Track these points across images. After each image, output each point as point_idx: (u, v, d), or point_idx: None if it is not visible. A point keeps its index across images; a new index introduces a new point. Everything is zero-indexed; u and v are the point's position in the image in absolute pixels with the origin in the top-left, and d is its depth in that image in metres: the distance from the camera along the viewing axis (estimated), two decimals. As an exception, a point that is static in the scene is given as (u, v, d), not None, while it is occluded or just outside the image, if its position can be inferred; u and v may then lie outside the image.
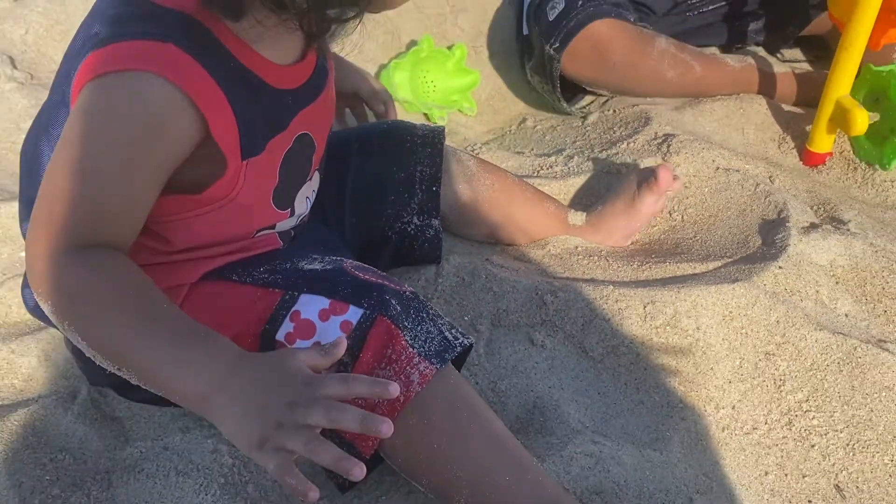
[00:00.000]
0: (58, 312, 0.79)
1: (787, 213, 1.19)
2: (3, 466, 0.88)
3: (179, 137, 0.80)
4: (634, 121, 1.46)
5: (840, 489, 0.92)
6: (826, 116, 1.33)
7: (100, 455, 0.92)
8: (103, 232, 0.80)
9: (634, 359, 1.02)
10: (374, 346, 0.84)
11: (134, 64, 0.76)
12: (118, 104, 0.79)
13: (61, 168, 0.80)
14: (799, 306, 1.05)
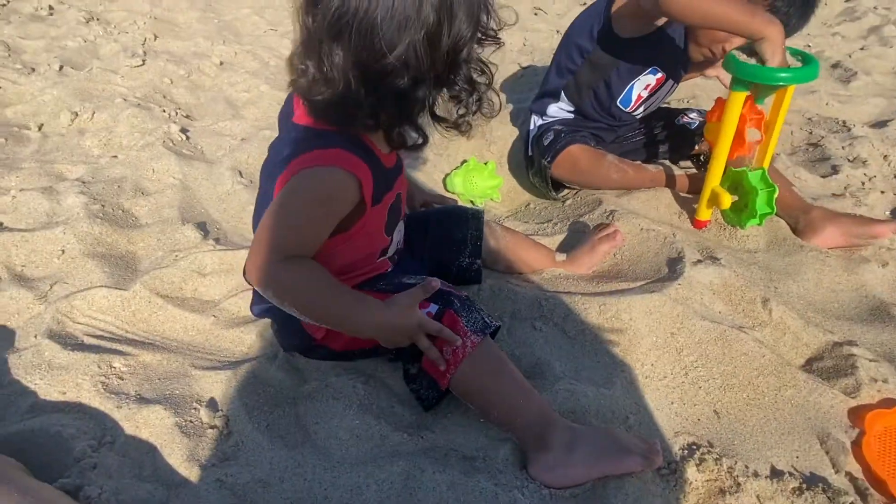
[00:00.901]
0: (280, 295, 0.84)
1: (683, 254, 1.23)
2: (237, 394, 0.92)
3: (349, 201, 0.84)
4: (593, 203, 1.50)
5: (717, 413, 0.96)
6: (706, 198, 1.38)
7: (289, 389, 0.97)
8: (300, 251, 0.84)
9: (594, 336, 1.06)
10: (446, 323, 0.88)
11: (322, 162, 0.80)
12: (315, 184, 0.81)
13: (277, 214, 0.83)
14: (691, 307, 1.10)
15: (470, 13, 0.73)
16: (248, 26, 2.86)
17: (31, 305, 1.11)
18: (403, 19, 0.70)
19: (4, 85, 1.98)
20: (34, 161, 1.60)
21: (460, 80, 0.79)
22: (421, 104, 0.78)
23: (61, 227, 1.28)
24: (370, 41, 0.70)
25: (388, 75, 0.73)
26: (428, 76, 0.75)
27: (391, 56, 0.70)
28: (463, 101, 0.81)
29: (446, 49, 0.74)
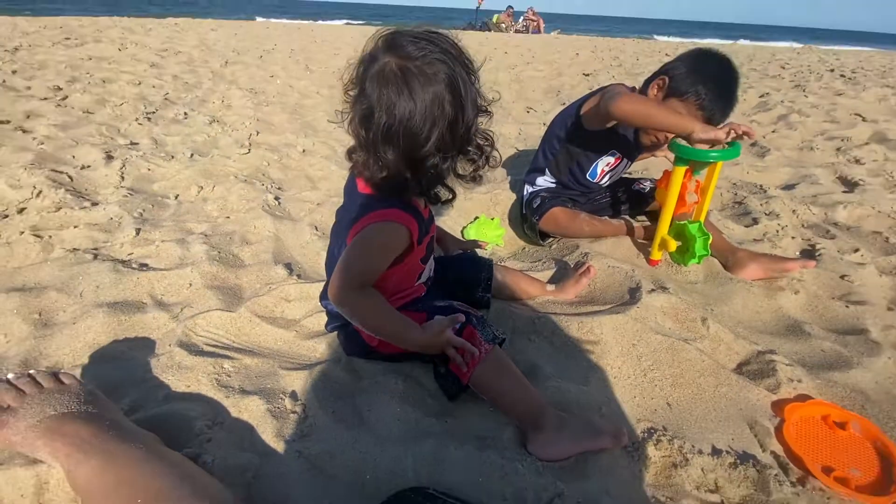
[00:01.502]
0: (352, 315, 0.87)
1: (640, 284, 1.22)
2: (312, 389, 0.92)
3: (403, 245, 0.87)
4: (572, 247, 1.50)
5: (669, 405, 0.94)
6: (657, 243, 1.38)
7: (349, 385, 0.95)
8: (367, 282, 0.86)
9: (574, 346, 1.05)
10: (465, 336, 0.89)
11: (384, 218, 0.83)
12: (380, 234, 0.84)
13: (352, 255, 0.85)
14: (647, 324, 1.08)
15: (472, 102, 0.77)
16: (322, 124, 2.95)
17: (167, 323, 1.11)
18: (433, 119, 0.73)
19: (153, 168, 2.04)
20: (172, 220, 1.63)
21: (473, 147, 0.81)
22: (448, 171, 0.81)
23: (189, 267, 1.29)
24: (412, 139, 0.74)
25: (426, 158, 0.77)
26: (452, 151, 0.79)
27: (427, 146, 0.74)
28: (476, 161, 0.83)
29: (462, 130, 0.77)
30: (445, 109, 0.74)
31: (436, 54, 0.73)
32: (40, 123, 2.45)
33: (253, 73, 4.42)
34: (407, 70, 0.72)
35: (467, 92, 0.75)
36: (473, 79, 0.77)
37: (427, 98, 0.72)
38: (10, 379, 0.72)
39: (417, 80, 0.72)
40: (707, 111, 1.31)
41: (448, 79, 0.73)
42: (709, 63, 1.35)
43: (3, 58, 4.18)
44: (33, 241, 1.39)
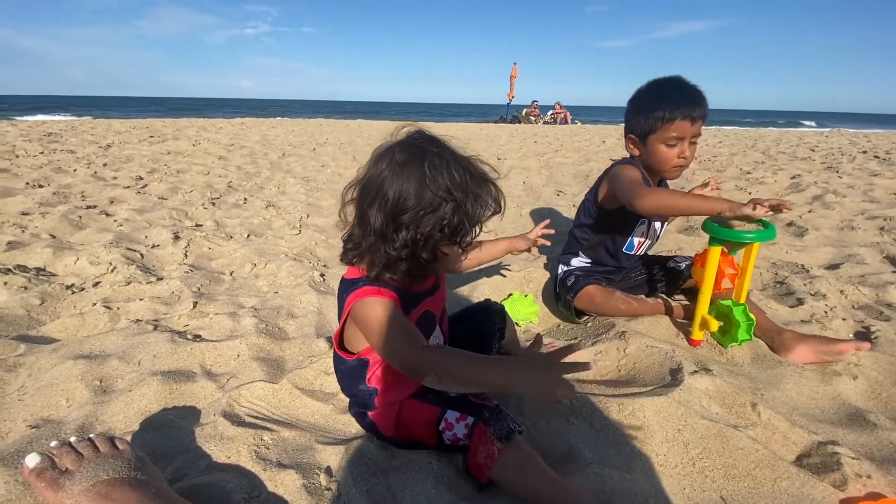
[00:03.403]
0: (435, 372, 0.77)
1: (682, 365, 1.17)
2: (347, 465, 0.90)
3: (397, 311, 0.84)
4: (607, 325, 1.47)
5: (724, 499, 0.86)
6: (698, 323, 1.34)
7: (383, 462, 0.92)
8: (412, 333, 0.82)
9: (615, 430, 0.99)
10: (477, 434, 0.84)
11: (369, 294, 0.83)
12: (375, 306, 0.83)
13: (376, 331, 0.82)
14: (692, 408, 1.02)
15: (470, 212, 0.81)
16: (365, 207, 3.16)
17: (214, 393, 1.13)
18: (437, 220, 0.78)
19: (213, 247, 2.20)
20: (226, 295, 1.72)
21: (463, 237, 0.83)
22: (382, 254, 0.82)
23: (239, 339, 1.34)
24: (417, 236, 0.79)
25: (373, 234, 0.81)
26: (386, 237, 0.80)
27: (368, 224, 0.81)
28: (462, 245, 0.85)
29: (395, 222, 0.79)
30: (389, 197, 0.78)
31: (416, 157, 0.78)
32: (121, 208, 2.74)
33: (306, 164, 4.84)
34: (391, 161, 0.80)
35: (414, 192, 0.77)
36: (438, 183, 0.78)
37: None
38: (72, 442, 0.76)
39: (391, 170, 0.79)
40: (680, 112, 1.30)
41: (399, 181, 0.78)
42: (641, 94, 1.40)
43: (97, 153, 4.78)
44: (103, 311, 1.50)
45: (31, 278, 1.69)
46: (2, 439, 0.97)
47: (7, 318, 1.43)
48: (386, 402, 0.94)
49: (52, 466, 0.71)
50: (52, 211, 2.55)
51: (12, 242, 2.04)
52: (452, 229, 0.80)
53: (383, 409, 0.95)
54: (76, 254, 1.94)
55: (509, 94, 15.69)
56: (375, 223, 0.79)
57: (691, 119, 1.31)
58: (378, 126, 11.35)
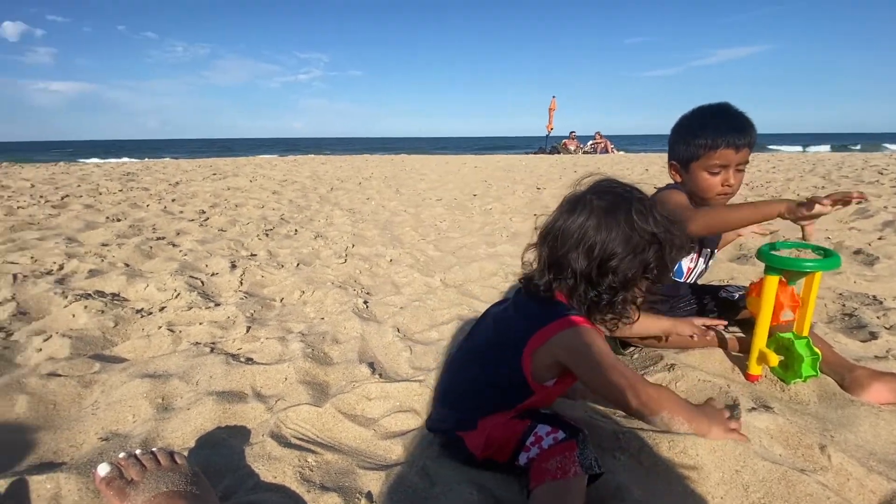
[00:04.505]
0: (665, 410, 0.86)
1: (738, 401, 1.09)
2: (387, 491, 0.89)
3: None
4: (655, 358, 1.40)
5: None
6: (755, 357, 1.25)
7: (423, 491, 0.90)
8: (628, 371, 0.85)
9: (666, 468, 0.93)
10: (561, 449, 0.81)
11: (583, 322, 0.84)
12: (593, 334, 0.83)
13: (599, 362, 0.82)
14: (751, 447, 0.93)
15: (671, 253, 0.86)
16: (407, 238, 3.23)
17: (263, 414, 1.17)
18: (641, 263, 0.83)
19: (266, 275, 2.32)
20: (276, 320, 1.79)
21: (604, 286, 0.85)
22: (584, 296, 0.87)
23: (287, 363, 1.38)
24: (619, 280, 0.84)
25: (574, 279, 0.86)
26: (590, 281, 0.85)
27: (570, 266, 0.85)
28: (601, 301, 0.87)
29: (601, 267, 0.84)
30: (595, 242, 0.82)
31: (620, 204, 0.84)
32: (186, 239, 2.96)
33: (352, 197, 5.05)
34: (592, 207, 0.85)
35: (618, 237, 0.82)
36: (639, 232, 0.83)
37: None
38: (137, 455, 0.81)
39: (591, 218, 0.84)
40: (723, 140, 1.25)
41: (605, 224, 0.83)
42: (682, 120, 1.36)
43: (167, 190, 5.21)
44: (167, 334, 1.60)
45: (107, 303, 1.84)
46: (76, 449, 1.05)
47: (86, 338, 1.56)
48: (490, 423, 0.92)
49: (119, 476, 0.76)
50: (127, 242, 2.80)
51: (93, 270, 2.24)
52: (654, 271, 0.84)
53: (482, 430, 0.93)
54: (146, 281, 2.10)
55: (548, 125, 15.79)
56: (578, 267, 0.83)
57: (735, 147, 1.27)
58: (419, 160, 11.69)
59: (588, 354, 0.82)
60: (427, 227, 3.56)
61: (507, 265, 2.49)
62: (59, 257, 2.44)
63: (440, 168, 9.16)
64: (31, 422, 1.13)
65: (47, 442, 1.06)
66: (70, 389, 1.25)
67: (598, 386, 0.85)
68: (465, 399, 0.99)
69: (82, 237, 2.97)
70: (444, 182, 6.52)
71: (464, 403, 0.98)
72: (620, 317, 0.88)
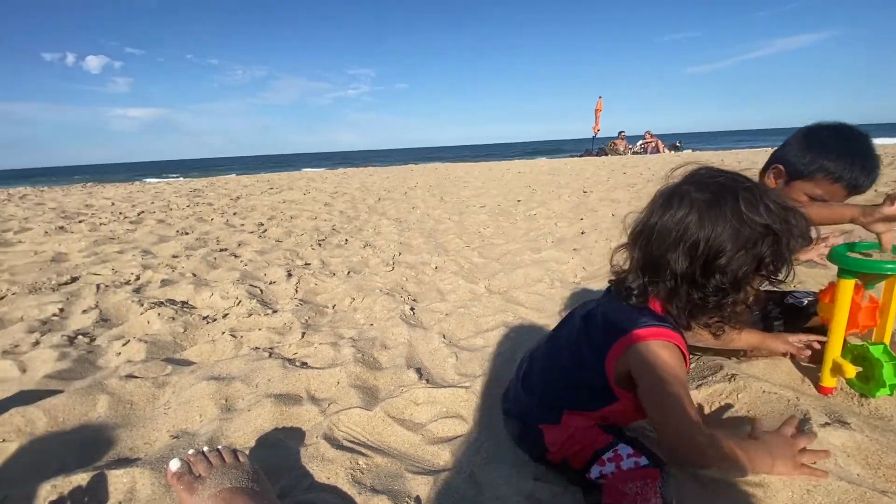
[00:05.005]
0: (714, 457, 0.77)
1: (809, 416, 1.00)
2: (435, 496, 0.90)
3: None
4: (714, 368, 1.31)
5: None
6: (829, 367, 1.14)
7: (471, 499, 0.90)
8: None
9: (727, 486, 0.84)
10: (643, 475, 0.76)
11: (664, 337, 0.77)
12: (672, 351, 0.76)
13: (660, 386, 0.75)
14: (824, 466, 0.86)
15: (788, 245, 0.74)
16: (452, 245, 3.24)
17: (317, 416, 1.20)
18: (754, 259, 0.73)
19: (319, 283, 2.41)
20: (328, 326, 1.84)
21: (710, 287, 0.75)
22: (686, 299, 0.78)
23: (339, 367, 1.42)
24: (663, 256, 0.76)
25: (674, 280, 0.77)
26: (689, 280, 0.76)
27: (669, 267, 0.76)
28: (707, 302, 0.77)
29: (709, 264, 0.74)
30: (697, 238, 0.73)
31: (724, 194, 0.73)
32: (246, 250, 3.14)
33: (399, 206, 5.15)
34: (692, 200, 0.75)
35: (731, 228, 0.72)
36: (750, 220, 0.72)
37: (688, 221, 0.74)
38: (204, 452, 0.87)
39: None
40: (846, 180, 1.14)
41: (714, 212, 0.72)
42: (821, 134, 1.21)
43: (229, 204, 5.56)
44: (230, 340, 1.70)
45: (177, 310, 1.99)
46: (150, 446, 1.14)
47: (159, 343, 1.69)
48: (570, 423, 0.89)
49: (188, 471, 0.82)
50: (195, 254, 3.01)
51: (165, 280, 2.43)
52: (770, 267, 0.74)
53: (564, 427, 0.89)
54: (211, 290, 2.24)
55: (595, 127, 15.38)
56: (679, 268, 0.74)
57: (850, 191, 1.17)
58: (463, 168, 11.73)
59: (653, 373, 0.75)
60: (471, 234, 3.57)
61: (553, 271, 2.44)
62: (135, 268, 2.66)
63: (483, 175, 9.16)
64: (111, 420, 1.23)
65: (124, 439, 1.15)
66: (145, 390, 1.36)
67: (651, 410, 0.78)
68: (550, 389, 0.95)
69: (156, 250, 3.23)
70: (487, 189, 6.51)
71: (548, 393, 0.95)
72: (729, 320, 0.78)
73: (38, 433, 1.14)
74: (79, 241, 3.42)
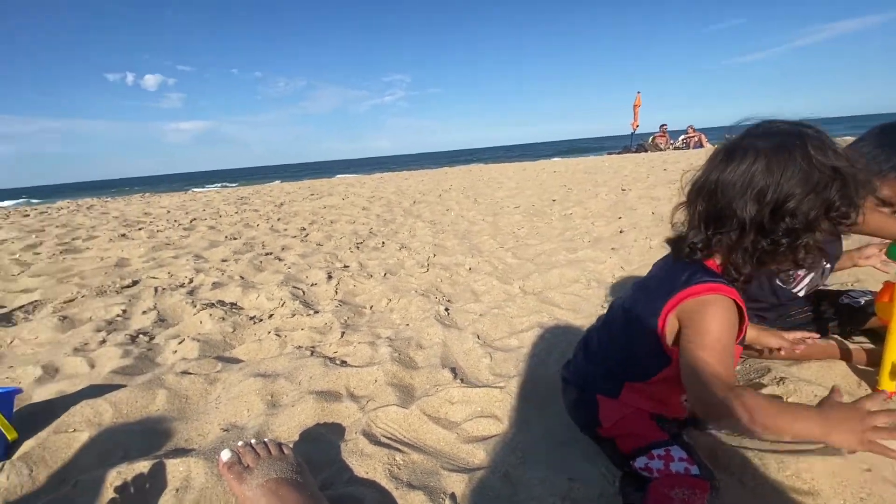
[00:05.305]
0: (741, 418, 0.68)
1: None
2: (470, 494, 0.89)
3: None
4: (762, 370, 1.26)
5: None
6: (887, 371, 1.07)
7: (505, 498, 0.91)
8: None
9: (774, 491, 0.84)
10: (692, 483, 0.75)
11: (721, 291, 0.76)
12: (726, 309, 0.75)
13: (701, 338, 0.74)
14: (880, 473, 0.81)
15: (857, 189, 0.72)
16: (486, 246, 3.24)
17: (356, 413, 1.23)
18: (824, 202, 0.71)
19: (357, 284, 2.47)
20: (366, 326, 1.89)
21: (779, 231, 0.74)
22: (751, 248, 0.77)
23: (376, 366, 1.45)
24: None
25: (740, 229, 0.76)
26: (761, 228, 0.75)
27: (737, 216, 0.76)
28: (778, 248, 0.75)
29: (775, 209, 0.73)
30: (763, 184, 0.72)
31: (791, 140, 0.72)
32: (290, 254, 3.26)
33: (433, 209, 5.20)
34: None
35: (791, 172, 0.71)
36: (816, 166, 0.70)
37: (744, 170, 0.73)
38: (252, 444, 0.92)
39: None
40: (880, 161, 1.08)
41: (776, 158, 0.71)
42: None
43: (273, 210, 5.79)
44: (275, 339, 1.78)
45: (227, 311, 2.10)
46: (203, 438, 1.21)
47: (211, 341, 1.79)
48: (628, 402, 0.89)
49: (238, 462, 0.87)
50: (242, 258, 3.16)
51: (215, 283, 2.56)
52: (840, 210, 0.72)
53: (621, 405, 0.89)
54: (258, 291, 2.35)
55: (633, 123, 14.90)
56: (747, 215, 0.73)
57: None
58: (497, 169, 11.67)
59: (699, 324, 0.73)
60: (505, 234, 3.55)
61: (590, 271, 2.39)
62: (189, 272, 2.82)
63: (518, 175, 9.08)
64: (168, 413, 1.32)
65: (180, 430, 1.23)
66: (198, 386, 1.45)
67: (686, 363, 0.74)
68: (609, 356, 0.96)
69: (207, 254, 3.41)
70: (521, 189, 6.46)
71: (607, 360, 0.96)
72: (802, 264, 0.75)
73: (105, 424, 1.24)
74: (139, 248, 3.68)
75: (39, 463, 1.08)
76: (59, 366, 1.62)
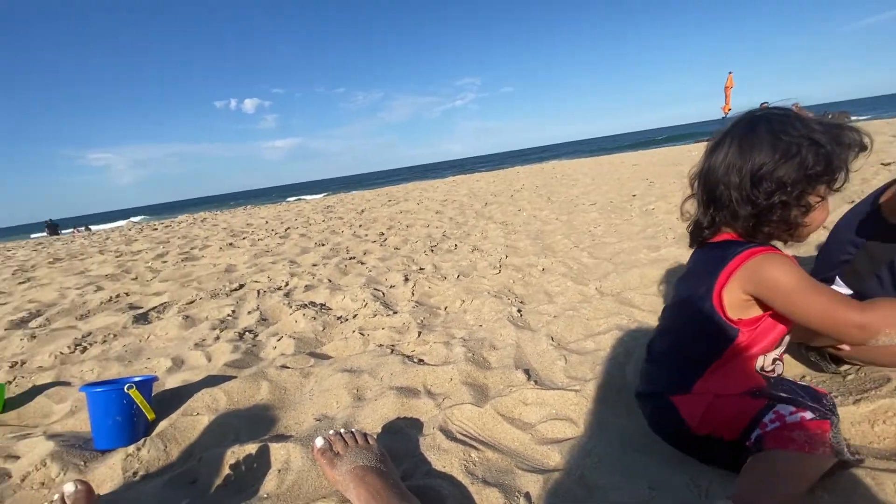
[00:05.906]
0: (890, 325, 0.73)
1: None
2: (545, 495, 0.89)
3: None
4: (880, 380, 1.10)
5: None
6: None
7: (582, 500, 0.89)
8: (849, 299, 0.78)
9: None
10: (812, 425, 0.76)
11: (767, 251, 0.81)
12: (780, 258, 0.80)
13: (795, 286, 0.77)
14: None
15: (833, 150, 0.79)
16: (560, 246, 3.16)
17: (432, 409, 1.27)
18: (799, 165, 0.79)
19: (432, 286, 2.54)
20: (441, 326, 1.94)
21: (831, 181, 0.81)
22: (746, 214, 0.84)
23: (451, 365, 1.49)
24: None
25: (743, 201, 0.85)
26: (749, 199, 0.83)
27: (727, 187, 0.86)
28: (832, 189, 0.82)
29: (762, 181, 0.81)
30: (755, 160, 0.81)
31: (757, 122, 0.83)
32: (370, 257, 3.45)
33: (505, 210, 5.17)
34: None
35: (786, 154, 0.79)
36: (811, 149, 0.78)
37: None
38: (342, 433, 1.00)
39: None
40: None
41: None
42: None
43: (356, 217, 6.14)
44: (359, 337, 1.90)
45: (317, 311, 2.28)
46: (299, 426, 1.33)
47: (304, 339, 1.96)
48: (705, 390, 0.87)
49: (329, 449, 0.95)
50: (329, 262, 3.40)
51: (307, 286, 2.80)
52: (818, 172, 0.79)
53: (698, 395, 0.88)
54: (343, 293, 2.52)
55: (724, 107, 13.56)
56: (731, 188, 0.83)
57: None
58: (571, 165, 11.27)
59: (779, 280, 0.78)
60: (580, 233, 3.43)
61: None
62: (285, 276, 3.11)
63: (594, 170, 8.70)
64: (271, 402, 1.47)
65: (281, 418, 1.37)
66: (295, 379, 1.59)
67: (799, 313, 0.78)
68: (672, 354, 0.96)
69: (299, 259, 3.72)
70: (598, 185, 6.18)
71: (671, 359, 0.96)
72: (794, 233, 0.83)
73: (221, 409, 1.42)
74: (243, 255, 4.12)
75: (171, 440, 1.26)
76: (184, 358, 1.88)
